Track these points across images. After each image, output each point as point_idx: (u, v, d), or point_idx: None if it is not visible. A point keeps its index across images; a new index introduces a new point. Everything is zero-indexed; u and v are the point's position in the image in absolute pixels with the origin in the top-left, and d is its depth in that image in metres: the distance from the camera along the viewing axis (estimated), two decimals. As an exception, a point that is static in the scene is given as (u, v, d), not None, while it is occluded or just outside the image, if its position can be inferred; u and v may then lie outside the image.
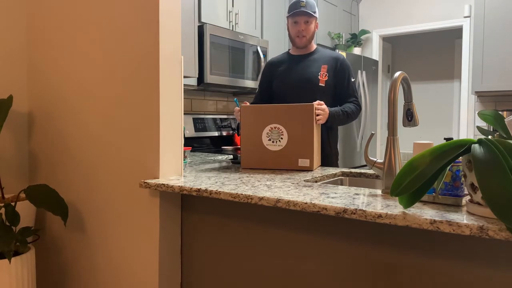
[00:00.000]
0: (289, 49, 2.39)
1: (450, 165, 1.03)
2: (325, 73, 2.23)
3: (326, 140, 2.23)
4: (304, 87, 2.20)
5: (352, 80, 2.30)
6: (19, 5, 2.02)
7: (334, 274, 1.28)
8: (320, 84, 2.21)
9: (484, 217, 0.96)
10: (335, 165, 2.33)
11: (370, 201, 1.15)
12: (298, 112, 1.82)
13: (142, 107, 1.61)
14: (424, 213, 1.00)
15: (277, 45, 3.55)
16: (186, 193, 1.41)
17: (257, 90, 2.49)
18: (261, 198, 1.23)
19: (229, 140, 3.51)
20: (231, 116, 3.60)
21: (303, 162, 1.81)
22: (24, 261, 1.70)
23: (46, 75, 1.97)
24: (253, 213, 1.45)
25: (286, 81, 2.27)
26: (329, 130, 2.27)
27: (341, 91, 2.25)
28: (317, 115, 1.90)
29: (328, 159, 2.25)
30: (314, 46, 2.33)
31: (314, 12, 2.22)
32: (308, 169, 1.81)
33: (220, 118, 3.47)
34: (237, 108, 2.05)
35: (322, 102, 1.97)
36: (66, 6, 1.86)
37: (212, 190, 1.33)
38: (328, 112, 2.01)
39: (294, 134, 1.82)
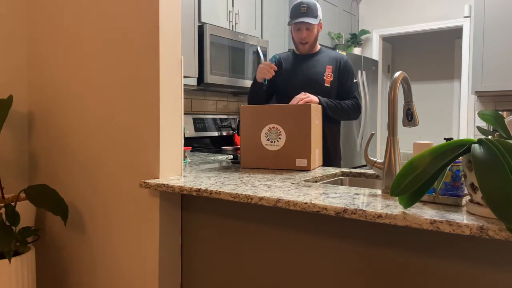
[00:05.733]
0: (293, 48, 2.39)
1: (450, 165, 1.03)
2: (330, 73, 2.23)
3: (328, 140, 2.23)
4: (310, 87, 2.20)
5: (354, 81, 2.31)
6: (20, 6, 2.02)
7: (334, 274, 1.28)
8: (325, 84, 2.22)
9: (484, 217, 0.96)
10: (338, 165, 2.33)
11: (370, 201, 1.15)
12: (295, 112, 1.82)
13: (142, 107, 1.61)
14: (424, 213, 1.00)
15: (277, 45, 3.55)
16: (186, 193, 1.41)
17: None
18: (261, 198, 1.23)
19: (229, 140, 3.51)
20: (231, 116, 3.60)
21: (300, 162, 1.81)
22: (24, 261, 1.70)
23: (46, 75, 1.97)
24: (253, 213, 1.45)
25: (291, 80, 2.27)
26: (331, 131, 2.27)
27: (343, 91, 2.26)
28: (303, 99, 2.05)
29: (331, 159, 2.25)
30: (318, 46, 2.34)
31: (316, 17, 2.21)
32: (306, 169, 1.81)
33: (220, 118, 3.46)
34: (268, 63, 2.17)
35: (306, 93, 2.09)
36: (66, 6, 1.86)
37: (212, 190, 1.33)
38: (314, 96, 2.09)
39: (291, 134, 1.82)
